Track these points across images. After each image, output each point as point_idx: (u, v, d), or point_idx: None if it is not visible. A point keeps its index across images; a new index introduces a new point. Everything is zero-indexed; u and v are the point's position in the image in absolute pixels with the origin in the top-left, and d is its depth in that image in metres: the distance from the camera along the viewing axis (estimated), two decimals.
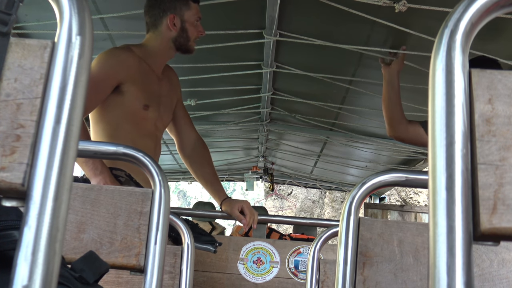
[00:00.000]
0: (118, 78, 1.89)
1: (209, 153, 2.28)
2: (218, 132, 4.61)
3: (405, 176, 0.97)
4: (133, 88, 1.91)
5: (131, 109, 1.92)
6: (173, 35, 2.01)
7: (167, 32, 2.00)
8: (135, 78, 1.92)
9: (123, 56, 1.91)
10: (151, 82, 2.00)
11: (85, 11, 0.52)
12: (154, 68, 2.03)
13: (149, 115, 1.97)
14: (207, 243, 1.96)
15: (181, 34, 2.01)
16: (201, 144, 2.25)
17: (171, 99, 2.14)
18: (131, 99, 1.91)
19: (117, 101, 1.90)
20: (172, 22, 1.99)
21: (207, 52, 2.88)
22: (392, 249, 0.99)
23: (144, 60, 1.98)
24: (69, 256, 0.99)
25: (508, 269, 1.02)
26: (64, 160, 0.48)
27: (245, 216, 2.14)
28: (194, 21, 2.03)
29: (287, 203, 10.57)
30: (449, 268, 0.43)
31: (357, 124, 4.11)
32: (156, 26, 2.01)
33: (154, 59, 2.02)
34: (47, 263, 0.46)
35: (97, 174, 1.78)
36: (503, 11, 0.49)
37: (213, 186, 2.24)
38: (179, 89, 2.24)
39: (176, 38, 2.01)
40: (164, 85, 2.09)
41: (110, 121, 1.92)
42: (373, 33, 2.67)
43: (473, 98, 0.48)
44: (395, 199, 8.67)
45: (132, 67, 1.92)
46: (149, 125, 1.99)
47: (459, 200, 0.45)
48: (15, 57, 0.51)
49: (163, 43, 2.02)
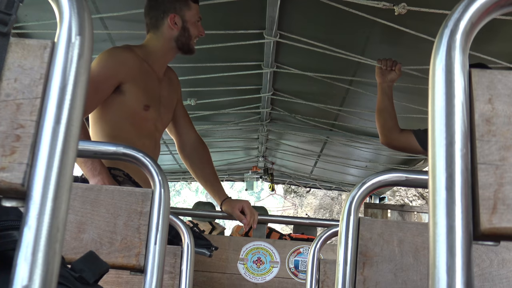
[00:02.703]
0: (119, 78, 1.88)
1: (209, 153, 2.28)
2: (218, 132, 4.61)
3: (405, 176, 0.97)
4: (134, 88, 1.91)
5: (132, 110, 1.92)
6: (174, 34, 2.00)
7: (169, 32, 2.00)
8: (135, 78, 1.92)
9: (124, 56, 1.91)
10: (151, 82, 2.00)
11: (85, 11, 0.52)
12: (155, 69, 2.03)
13: (149, 116, 1.97)
14: (203, 247, 1.96)
15: (183, 33, 2.01)
16: (201, 144, 2.25)
17: (171, 100, 2.14)
18: (132, 99, 1.91)
19: (117, 101, 1.90)
20: (173, 22, 1.99)
21: (208, 52, 2.89)
22: (392, 249, 0.99)
23: (145, 61, 1.98)
24: (69, 256, 0.99)
25: (508, 269, 1.02)
26: (64, 160, 0.48)
27: (246, 216, 2.14)
28: (195, 21, 2.03)
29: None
30: (449, 268, 0.43)
31: (357, 125, 4.11)
32: (157, 27, 2.01)
33: (155, 59, 2.02)
34: (47, 263, 0.46)
35: (95, 175, 1.78)
36: (503, 11, 0.49)
37: (213, 186, 2.24)
38: (179, 90, 2.24)
39: (178, 38, 2.01)
40: (164, 86, 2.09)
41: (110, 121, 1.92)
42: (372, 35, 2.67)
43: (473, 98, 0.48)
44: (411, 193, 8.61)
45: (133, 67, 1.92)
46: (149, 126, 1.99)
47: (459, 200, 0.45)
48: (15, 57, 0.51)
49: (165, 43, 2.02)
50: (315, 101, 3.69)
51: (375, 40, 2.75)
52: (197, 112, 3.99)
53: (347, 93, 3.49)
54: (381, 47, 2.84)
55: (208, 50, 2.84)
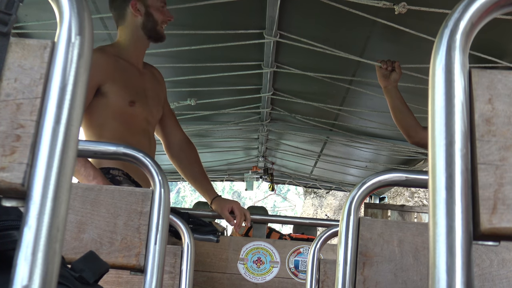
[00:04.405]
0: (96, 81, 1.87)
1: (197, 152, 2.27)
2: (218, 132, 4.61)
3: (405, 176, 0.97)
4: (114, 87, 1.90)
5: (117, 108, 1.91)
6: (139, 21, 2.00)
7: (133, 20, 1.99)
8: (113, 76, 1.91)
9: (96, 58, 1.90)
10: (132, 77, 1.99)
11: (85, 11, 0.52)
12: (132, 62, 2.02)
13: (137, 111, 1.96)
14: (209, 233, 1.95)
15: (147, 19, 2.00)
16: (188, 143, 2.24)
17: (157, 93, 2.12)
18: (115, 98, 1.90)
19: (101, 103, 1.90)
20: (135, 8, 1.98)
21: (208, 52, 2.88)
22: (392, 249, 0.99)
23: (120, 57, 1.97)
24: (69, 256, 0.99)
25: (508, 269, 1.02)
26: (64, 160, 0.48)
27: (236, 217, 2.12)
28: (158, 6, 2.02)
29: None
30: (449, 268, 0.43)
31: (357, 125, 4.11)
32: (123, 18, 2.01)
33: (129, 52, 2.01)
34: (47, 263, 0.46)
35: (90, 181, 1.78)
36: (503, 11, 0.49)
37: (202, 185, 2.23)
38: (164, 87, 2.22)
39: (143, 24, 2.00)
40: (147, 79, 2.07)
41: (99, 124, 1.91)
42: (372, 34, 2.67)
43: (473, 98, 0.48)
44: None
45: (108, 66, 1.91)
46: (139, 121, 1.98)
47: (459, 200, 0.44)
48: (15, 57, 0.51)
49: (133, 33, 2.01)
50: (315, 101, 3.69)
51: (375, 39, 2.75)
52: (197, 112, 3.99)
53: (347, 92, 3.49)
54: (381, 46, 2.85)
55: (208, 50, 2.84)
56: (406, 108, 2.25)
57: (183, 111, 3.91)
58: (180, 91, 3.55)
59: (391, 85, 2.28)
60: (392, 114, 2.28)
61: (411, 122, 2.24)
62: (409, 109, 2.25)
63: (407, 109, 2.25)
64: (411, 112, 2.25)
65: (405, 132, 2.26)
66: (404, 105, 2.25)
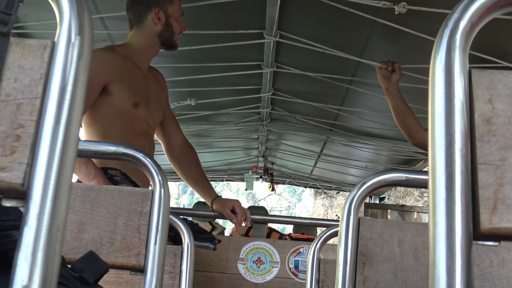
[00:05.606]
0: (103, 80, 1.88)
1: (197, 154, 2.29)
2: (218, 132, 4.61)
3: (405, 176, 0.97)
4: (121, 87, 1.91)
5: (121, 109, 1.92)
6: (158, 29, 2.01)
7: (152, 27, 2.00)
8: (121, 77, 1.92)
9: (105, 57, 1.91)
10: (138, 80, 2.00)
11: (85, 11, 0.52)
12: (139, 66, 2.02)
13: (140, 113, 1.97)
14: (206, 241, 1.96)
15: (166, 29, 2.01)
16: (188, 146, 2.26)
17: (159, 97, 2.13)
18: (120, 98, 1.91)
19: (106, 102, 1.90)
20: (157, 17, 1.99)
21: (208, 52, 2.88)
22: (392, 249, 0.99)
23: (128, 59, 1.98)
24: (69, 256, 0.99)
25: (508, 269, 1.02)
26: (64, 160, 0.48)
27: (237, 215, 2.13)
28: (177, 16, 2.03)
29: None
30: (449, 268, 0.43)
31: (357, 125, 4.11)
32: (140, 22, 2.01)
33: (138, 56, 2.02)
34: (47, 263, 0.46)
35: (91, 179, 1.78)
36: (503, 11, 0.49)
37: (203, 186, 2.24)
38: (166, 91, 2.23)
39: (161, 33, 2.01)
40: (151, 83, 2.09)
41: (101, 122, 1.92)
42: (372, 34, 2.67)
43: (473, 98, 0.48)
44: None
45: (116, 66, 1.91)
46: (140, 123, 1.99)
47: (459, 200, 0.44)
48: (15, 57, 0.51)
49: (148, 39, 2.02)
50: (315, 101, 3.69)
51: (375, 39, 2.75)
52: (197, 112, 3.99)
53: (347, 92, 3.49)
54: (381, 46, 2.85)
55: (208, 50, 2.84)
56: (407, 109, 2.25)
57: (183, 111, 3.91)
58: (180, 91, 3.55)
59: (392, 87, 2.28)
60: (394, 115, 2.27)
61: (413, 123, 2.23)
62: (410, 110, 2.25)
63: (409, 110, 2.25)
64: (413, 113, 2.25)
65: (407, 133, 2.25)
66: (405, 106, 2.25)
